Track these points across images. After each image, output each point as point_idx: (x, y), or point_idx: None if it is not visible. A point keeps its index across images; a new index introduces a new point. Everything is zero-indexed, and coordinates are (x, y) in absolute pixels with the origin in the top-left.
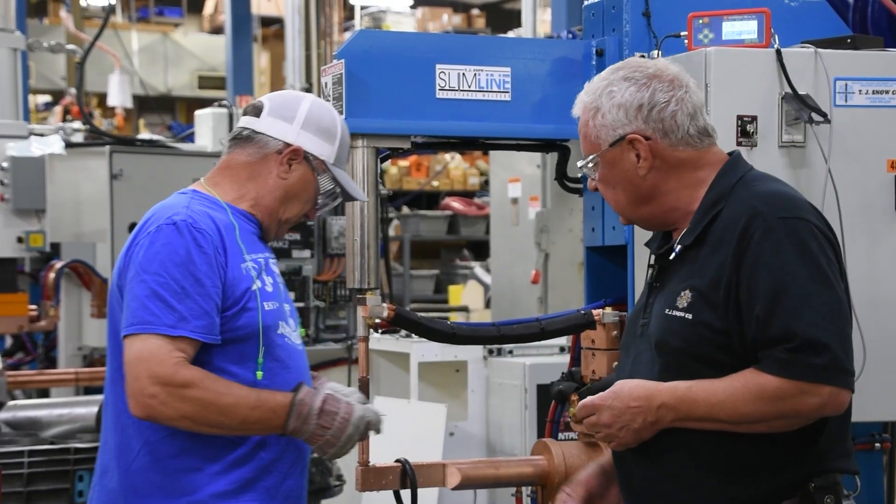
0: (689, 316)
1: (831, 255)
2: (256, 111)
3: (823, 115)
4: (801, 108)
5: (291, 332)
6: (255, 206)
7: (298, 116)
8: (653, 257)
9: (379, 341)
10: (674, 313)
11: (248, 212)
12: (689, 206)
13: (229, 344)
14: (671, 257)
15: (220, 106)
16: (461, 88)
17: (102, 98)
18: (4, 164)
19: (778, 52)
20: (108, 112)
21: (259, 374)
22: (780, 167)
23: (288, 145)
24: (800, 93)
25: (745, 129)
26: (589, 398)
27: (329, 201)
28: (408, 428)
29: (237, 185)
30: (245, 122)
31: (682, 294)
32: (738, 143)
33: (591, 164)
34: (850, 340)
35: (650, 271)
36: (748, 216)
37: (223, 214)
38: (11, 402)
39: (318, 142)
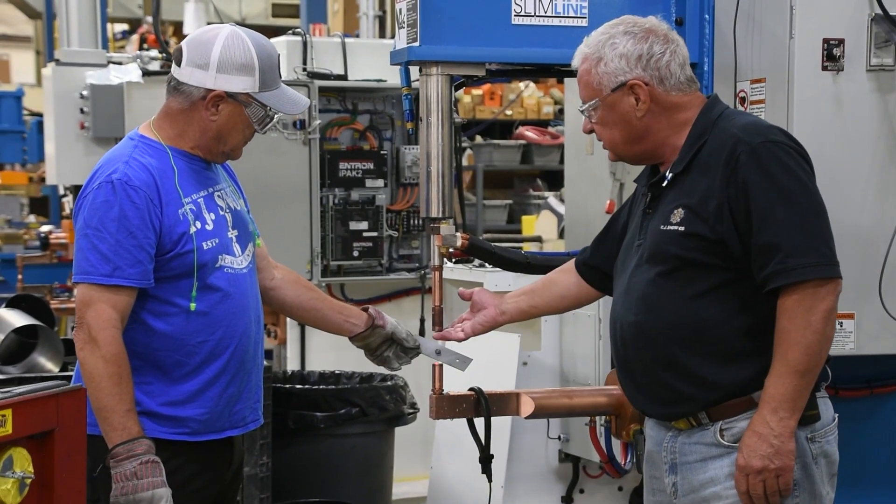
0: (682, 228)
1: (804, 166)
2: (178, 59)
3: None
4: (891, 29)
5: (236, 258)
6: (195, 147)
7: (212, 62)
8: (645, 188)
9: (452, 271)
10: (668, 227)
11: (189, 152)
12: (677, 142)
13: (169, 280)
14: (664, 184)
15: (293, 34)
16: (537, 14)
17: (178, 26)
18: (85, 93)
19: None
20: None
21: (192, 305)
22: (867, 92)
23: (210, 91)
24: (891, 13)
25: (832, 52)
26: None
27: (268, 121)
28: (481, 357)
29: (177, 129)
30: (173, 71)
31: (675, 212)
32: (824, 68)
33: (591, 108)
34: (832, 234)
35: (643, 200)
36: (732, 144)
37: (164, 160)
38: None
39: (237, 79)
